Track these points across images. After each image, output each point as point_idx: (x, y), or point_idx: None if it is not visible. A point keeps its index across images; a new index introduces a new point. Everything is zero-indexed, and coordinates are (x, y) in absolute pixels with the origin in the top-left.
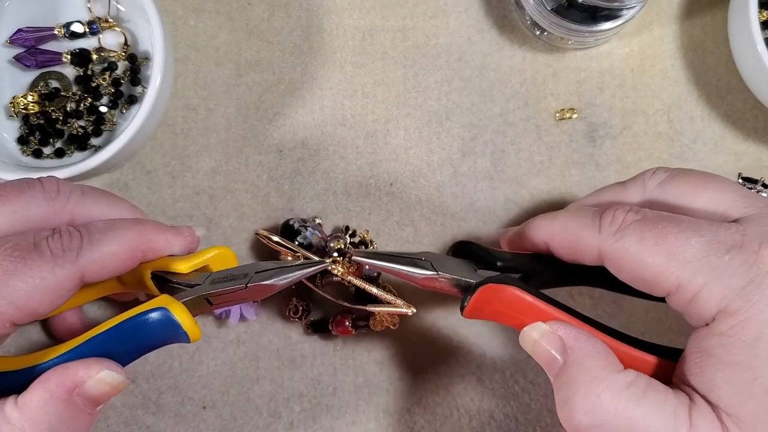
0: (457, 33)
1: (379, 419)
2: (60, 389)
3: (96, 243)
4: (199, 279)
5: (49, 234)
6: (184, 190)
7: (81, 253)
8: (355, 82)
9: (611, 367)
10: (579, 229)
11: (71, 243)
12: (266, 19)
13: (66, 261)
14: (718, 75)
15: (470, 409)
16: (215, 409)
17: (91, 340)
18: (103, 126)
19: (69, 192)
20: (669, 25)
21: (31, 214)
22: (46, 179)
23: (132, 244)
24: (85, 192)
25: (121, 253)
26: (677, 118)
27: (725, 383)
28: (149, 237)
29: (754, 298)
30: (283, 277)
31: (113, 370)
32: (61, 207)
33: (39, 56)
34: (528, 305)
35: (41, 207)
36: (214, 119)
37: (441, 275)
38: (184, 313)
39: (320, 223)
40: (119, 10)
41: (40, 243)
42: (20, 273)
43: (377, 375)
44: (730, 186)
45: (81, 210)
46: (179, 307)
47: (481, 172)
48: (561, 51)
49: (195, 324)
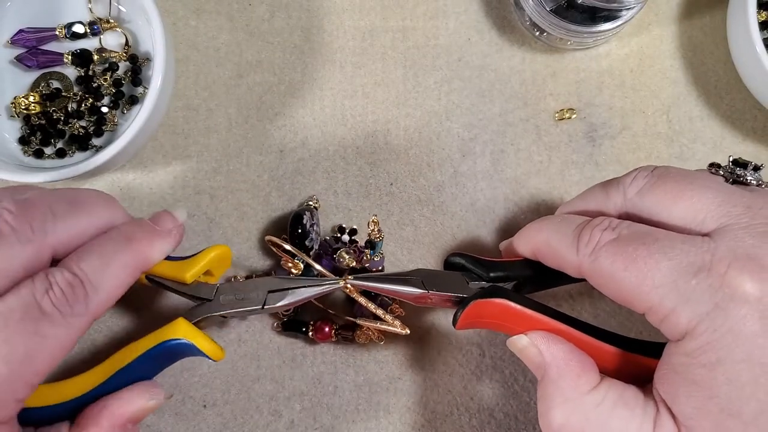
0: (456, 34)
1: (380, 418)
2: (115, 427)
3: (99, 285)
4: (204, 291)
5: (47, 287)
6: (185, 190)
7: (89, 302)
8: (355, 83)
9: (583, 387)
10: (560, 248)
11: (76, 295)
12: (267, 20)
13: (76, 316)
14: (717, 75)
15: (470, 408)
16: (216, 407)
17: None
18: (104, 126)
19: (43, 223)
20: (668, 25)
21: (15, 265)
22: (12, 218)
23: (131, 269)
24: (56, 213)
25: (124, 282)
26: (676, 118)
27: (685, 398)
28: (145, 255)
29: (717, 323)
30: (298, 298)
31: (154, 395)
32: (40, 245)
33: (40, 57)
34: (517, 315)
35: (22, 254)
36: (215, 119)
37: (431, 293)
38: (206, 341)
39: (317, 207)
40: (120, 10)
41: (45, 305)
42: (39, 347)
43: (377, 374)
44: (707, 192)
45: (60, 237)
46: (201, 337)
47: (480, 172)
48: (560, 51)
49: (218, 348)
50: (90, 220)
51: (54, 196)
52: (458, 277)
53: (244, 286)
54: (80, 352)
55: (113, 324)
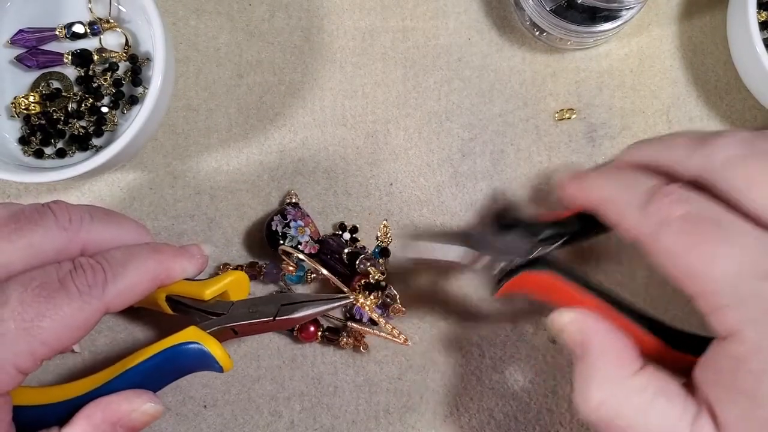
0: (456, 34)
1: (379, 418)
2: (105, 423)
3: (119, 276)
4: (220, 307)
5: (71, 268)
6: (185, 190)
7: (106, 288)
8: (355, 83)
9: (625, 370)
10: (624, 208)
11: (96, 278)
12: (267, 20)
13: (93, 297)
14: (717, 75)
15: (470, 408)
16: (216, 408)
17: (128, 372)
18: (105, 126)
19: (80, 219)
20: (668, 25)
21: (46, 246)
22: (56, 207)
23: (152, 274)
24: (93, 216)
25: (143, 284)
26: (676, 118)
27: (729, 404)
28: (167, 265)
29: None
30: (310, 311)
31: (153, 401)
32: (74, 236)
33: (40, 57)
34: (561, 289)
35: (56, 238)
36: (215, 119)
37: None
38: (218, 347)
39: (296, 202)
40: (120, 10)
41: (66, 280)
42: (50, 313)
43: (377, 374)
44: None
45: (92, 236)
46: (212, 342)
47: (480, 172)
48: (560, 51)
49: (227, 356)
50: (121, 232)
51: (93, 206)
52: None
53: (259, 300)
54: (82, 361)
55: (125, 336)
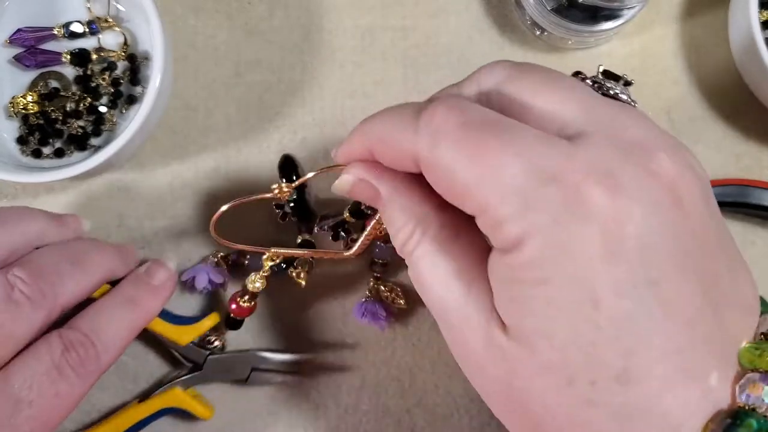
0: (457, 33)
1: (380, 419)
2: None
3: (108, 344)
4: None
5: (62, 350)
6: (184, 189)
7: (99, 360)
8: (355, 82)
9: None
10: (396, 132)
11: (89, 356)
12: (266, 19)
13: (90, 375)
14: (719, 75)
15: (470, 410)
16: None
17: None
18: (103, 126)
19: (53, 287)
20: (670, 24)
21: (32, 331)
22: (26, 287)
23: (134, 329)
24: (62, 274)
25: (129, 340)
26: (678, 118)
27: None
28: (144, 313)
29: (553, 239)
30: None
31: None
32: (51, 307)
33: (38, 56)
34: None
35: (37, 320)
36: (214, 119)
37: None
38: (198, 405)
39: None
40: (119, 9)
41: (64, 369)
42: (57, 408)
43: (377, 374)
44: (574, 92)
45: (68, 297)
46: (193, 402)
47: None
48: (561, 51)
49: (208, 409)
50: (92, 278)
51: (57, 255)
52: None
53: (231, 360)
54: None
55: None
